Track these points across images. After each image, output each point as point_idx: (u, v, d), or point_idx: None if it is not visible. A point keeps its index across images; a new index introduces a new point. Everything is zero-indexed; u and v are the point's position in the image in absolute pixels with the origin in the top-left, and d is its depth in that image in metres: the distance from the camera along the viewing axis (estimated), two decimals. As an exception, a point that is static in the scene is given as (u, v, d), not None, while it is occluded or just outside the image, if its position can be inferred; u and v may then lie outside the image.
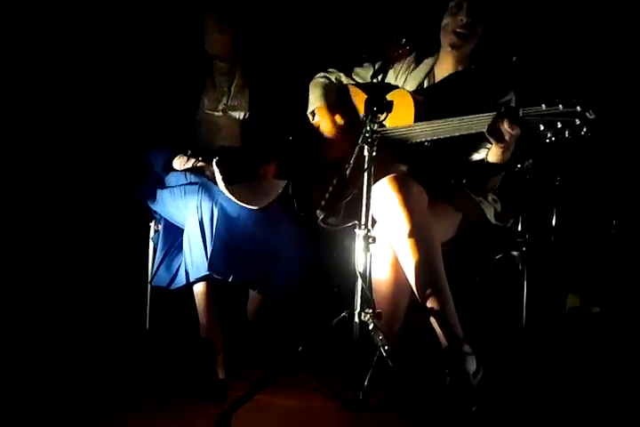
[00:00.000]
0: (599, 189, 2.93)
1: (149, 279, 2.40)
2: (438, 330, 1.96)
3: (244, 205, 2.25)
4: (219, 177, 2.25)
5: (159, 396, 2.10)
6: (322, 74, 2.51)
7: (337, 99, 2.46)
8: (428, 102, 2.23)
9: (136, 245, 2.58)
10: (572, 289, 2.70)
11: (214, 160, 2.28)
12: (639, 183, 2.88)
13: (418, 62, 2.39)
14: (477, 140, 2.20)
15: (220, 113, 2.52)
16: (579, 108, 1.79)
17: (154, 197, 2.43)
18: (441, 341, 1.97)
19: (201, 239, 2.18)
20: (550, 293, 2.67)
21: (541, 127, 1.83)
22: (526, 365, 2.33)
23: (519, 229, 2.71)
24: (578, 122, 1.79)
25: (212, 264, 2.15)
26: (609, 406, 2.06)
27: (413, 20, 2.60)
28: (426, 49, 2.38)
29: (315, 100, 2.45)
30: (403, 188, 2.01)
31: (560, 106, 1.82)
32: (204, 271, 2.17)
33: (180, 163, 2.42)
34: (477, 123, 1.99)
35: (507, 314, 2.51)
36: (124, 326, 2.62)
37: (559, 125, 1.81)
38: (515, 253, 2.37)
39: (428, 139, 2.10)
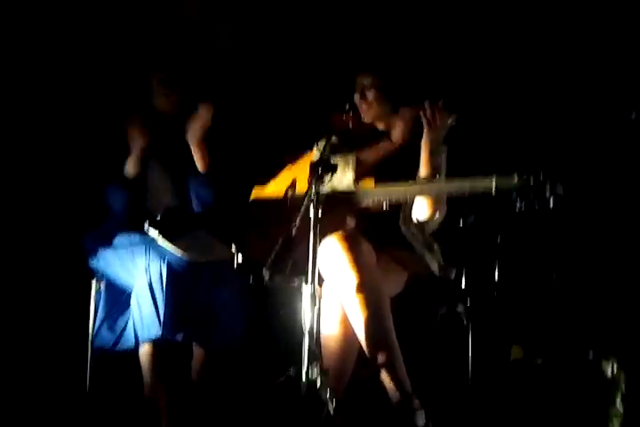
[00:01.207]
0: (539, 242, 3.02)
1: (90, 340, 2.34)
2: (387, 385, 1.97)
3: (190, 258, 2.24)
4: (155, 235, 2.27)
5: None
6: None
7: None
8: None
9: (76, 303, 2.52)
10: (516, 341, 2.75)
11: (145, 224, 2.30)
12: (577, 236, 2.98)
13: None
14: None
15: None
16: (549, 181, 1.90)
17: (97, 256, 2.40)
18: (390, 395, 1.97)
19: (151, 301, 2.17)
20: (494, 345, 2.71)
21: (514, 196, 1.92)
22: (473, 417, 2.34)
23: (463, 283, 2.76)
24: (548, 195, 1.90)
25: (165, 326, 2.14)
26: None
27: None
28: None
29: None
30: (352, 245, 2.04)
31: (531, 178, 1.91)
32: (155, 333, 2.15)
33: None
34: (480, 185, 2.00)
35: (453, 367, 2.53)
36: (64, 388, 2.53)
37: (531, 197, 1.90)
38: (459, 307, 2.41)
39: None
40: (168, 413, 2.17)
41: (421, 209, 2.24)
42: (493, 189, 1.96)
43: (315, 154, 2.49)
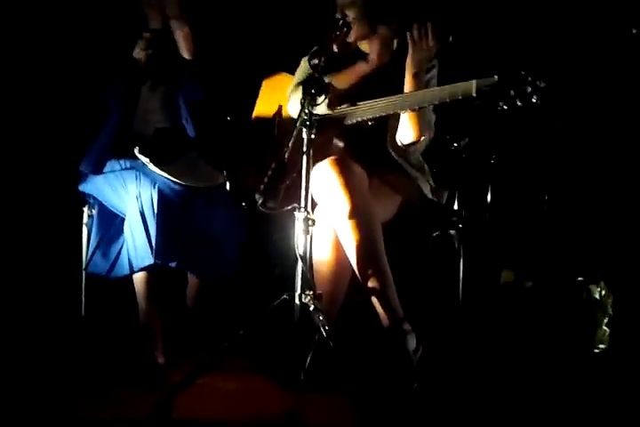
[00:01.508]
0: (531, 166, 3.01)
1: (84, 266, 2.34)
2: (379, 309, 1.99)
3: (182, 182, 2.22)
4: (146, 161, 2.23)
5: (97, 382, 2.07)
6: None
7: None
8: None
9: (68, 229, 2.51)
10: (507, 265, 2.78)
11: (135, 149, 2.25)
12: (568, 160, 2.97)
13: None
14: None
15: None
16: (529, 77, 1.87)
17: (88, 182, 2.36)
18: (381, 319, 2.00)
19: (143, 229, 2.15)
20: (485, 268, 2.74)
21: (494, 96, 1.90)
22: (464, 340, 2.39)
23: (455, 207, 2.76)
24: (529, 90, 1.86)
25: (157, 253, 2.13)
26: (543, 379, 2.15)
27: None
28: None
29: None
30: (344, 170, 2.01)
31: (512, 76, 1.89)
32: (148, 261, 2.14)
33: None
34: (460, 89, 1.98)
35: (444, 291, 2.56)
36: (59, 314, 2.56)
37: (512, 93, 1.88)
38: (451, 231, 2.42)
39: (376, 115, 2.12)
40: (163, 338, 2.19)
41: (406, 131, 2.19)
42: (474, 91, 1.93)
43: (301, 72, 2.41)
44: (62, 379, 2.09)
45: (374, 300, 1.99)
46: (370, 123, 2.18)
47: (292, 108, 2.36)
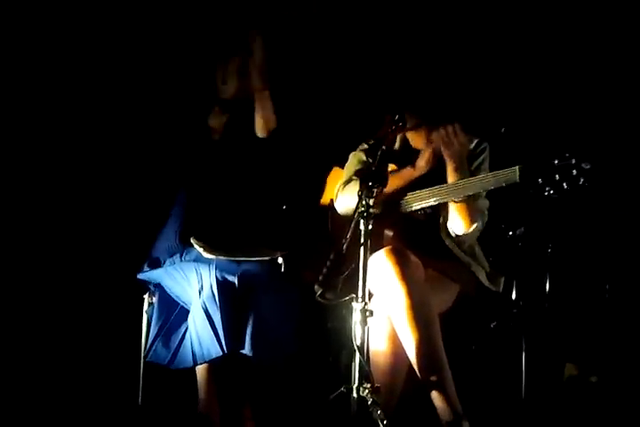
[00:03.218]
0: (590, 253, 2.95)
1: (144, 354, 2.36)
2: (438, 405, 1.94)
3: (237, 258, 2.27)
4: (201, 251, 2.28)
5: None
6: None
7: None
8: None
9: (128, 317, 2.55)
10: (570, 358, 2.68)
11: (192, 240, 2.31)
12: (630, 247, 2.90)
13: None
14: None
15: None
16: (573, 160, 1.89)
17: (150, 270, 2.42)
18: (440, 414, 1.94)
19: (207, 322, 2.17)
20: (548, 362, 2.65)
21: (540, 181, 1.93)
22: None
23: (513, 296, 2.71)
24: (575, 173, 1.88)
25: (224, 344, 2.14)
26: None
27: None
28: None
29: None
30: (400, 260, 2.03)
31: (555, 160, 1.92)
32: (215, 353, 2.15)
33: None
34: (503, 177, 2.03)
35: (505, 384, 2.48)
36: (116, 402, 2.56)
37: (557, 178, 1.90)
38: (510, 322, 2.37)
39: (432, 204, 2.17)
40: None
41: (455, 221, 2.22)
42: (517, 177, 1.97)
43: (351, 166, 2.46)
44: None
45: (433, 394, 1.95)
46: (421, 212, 2.22)
47: (340, 204, 2.41)
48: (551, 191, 1.92)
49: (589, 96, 2.87)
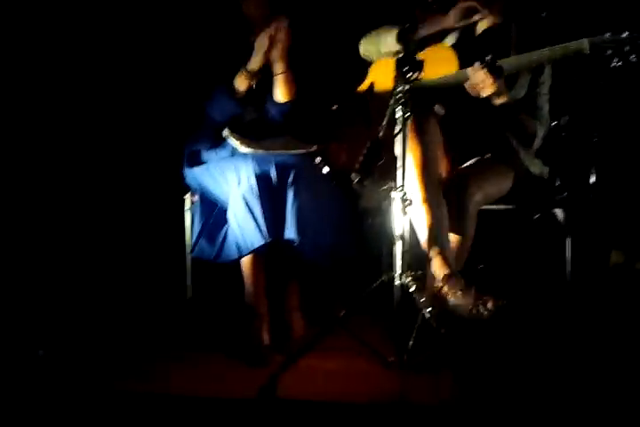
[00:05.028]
0: (637, 144, 2.85)
1: (190, 250, 2.42)
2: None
3: (273, 152, 2.29)
4: (236, 144, 2.31)
5: (203, 361, 2.14)
6: None
7: None
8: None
9: (171, 216, 2.60)
10: (616, 245, 2.66)
11: (224, 131, 2.34)
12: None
13: None
14: None
15: None
16: None
17: (189, 172, 2.46)
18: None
19: (248, 212, 2.19)
20: (594, 249, 2.63)
21: (608, 52, 1.98)
22: (571, 320, 2.30)
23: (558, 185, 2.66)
24: None
25: (266, 232, 2.17)
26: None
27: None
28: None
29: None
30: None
31: (625, 33, 1.97)
32: (258, 242, 2.17)
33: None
34: (573, 46, 2.04)
35: (551, 271, 2.49)
36: (165, 296, 2.67)
37: (626, 49, 1.96)
38: (556, 210, 2.36)
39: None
40: (269, 319, 2.24)
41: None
42: (587, 48, 2.00)
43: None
44: (167, 358, 2.17)
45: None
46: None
47: (364, 47, 2.38)
48: (619, 63, 1.97)
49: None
